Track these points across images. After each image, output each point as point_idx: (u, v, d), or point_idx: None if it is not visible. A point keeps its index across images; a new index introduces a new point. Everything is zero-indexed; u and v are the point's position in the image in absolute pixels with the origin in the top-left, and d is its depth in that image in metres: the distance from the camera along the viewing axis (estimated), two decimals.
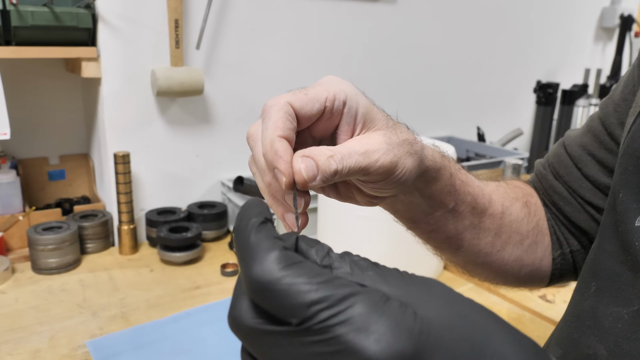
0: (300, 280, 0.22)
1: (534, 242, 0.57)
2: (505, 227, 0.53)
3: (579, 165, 0.55)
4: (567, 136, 0.59)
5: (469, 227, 0.50)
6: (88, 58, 1.09)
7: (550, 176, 0.59)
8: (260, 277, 0.23)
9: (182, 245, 1.12)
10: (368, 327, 0.21)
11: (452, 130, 1.78)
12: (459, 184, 0.46)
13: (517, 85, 1.95)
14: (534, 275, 0.58)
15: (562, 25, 2.03)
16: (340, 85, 0.35)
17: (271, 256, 0.23)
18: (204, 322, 0.91)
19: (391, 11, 1.51)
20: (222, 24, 1.23)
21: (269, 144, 0.31)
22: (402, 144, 0.37)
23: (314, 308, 0.22)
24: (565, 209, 0.57)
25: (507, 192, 0.56)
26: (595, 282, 0.43)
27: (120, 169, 1.13)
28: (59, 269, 1.07)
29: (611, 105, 0.53)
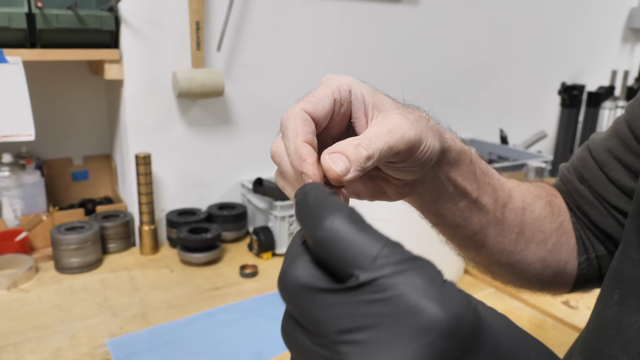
0: (368, 236, 0.23)
1: (559, 243, 0.55)
2: (527, 225, 0.52)
3: (604, 169, 0.54)
4: (592, 139, 0.58)
5: (493, 222, 0.48)
6: (111, 60, 1.11)
7: (575, 180, 0.57)
8: (332, 226, 0.23)
9: (201, 246, 1.12)
10: (429, 291, 0.21)
11: (475, 133, 1.76)
12: (479, 173, 0.46)
13: (542, 86, 1.91)
14: (558, 279, 0.57)
15: (589, 25, 1.99)
16: (340, 78, 0.36)
17: (343, 211, 0.24)
18: (222, 323, 0.91)
19: (413, 12, 1.50)
20: (242, 25, 1.24)
21: (294, 152, 0.31)
22: (419, 119, 0.37)
23: (378, 261, 0.22)
24: (590, 213, 0.55)
25: (529, 190, 0.55)
26: (619, 289, 0.42)
27: (141, 170, 1.14)
28: (81, 269, 1.08)
29: (638, 108, 0.51)
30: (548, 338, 0.90)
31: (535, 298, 1.01)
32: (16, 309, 0.94)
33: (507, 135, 1.77)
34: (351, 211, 0.24)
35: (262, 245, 1.17)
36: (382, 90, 0.38)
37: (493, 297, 1.02)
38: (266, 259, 1.18)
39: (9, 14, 0.98)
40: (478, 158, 0.46)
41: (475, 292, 1.04)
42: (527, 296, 1.01)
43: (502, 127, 1.79)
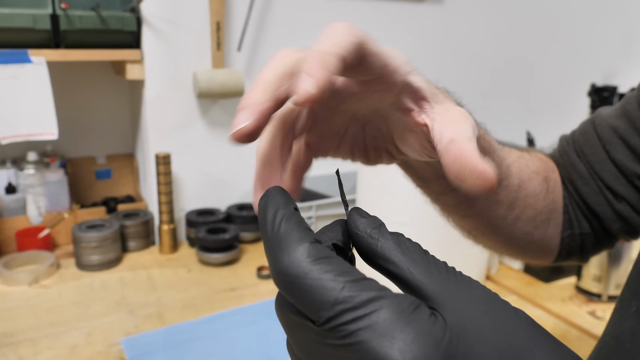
0: (327, 277, 0.21)
1: (547, 219, 0.53)
2: (519, 201, 0.50)
3: (606, 147, 0.51)
4: (598, 114, 0.55)
5: (482, 198, 0.47)
6: (132, 60, 1.12)
7: (572, 153, 0.55)
8: (287, 270, 0.22)
9: (219, 247, 1.12)
10: (393, 335, 0.20)
11: (500, 135, 1.71)
12: (487, 147, 0.43)
13: (571, 88, 1.86)
14: (541, 251, 0.56)
15: (622, 23, 1.92)
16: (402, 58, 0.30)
17: (300, 248, 0.22)
18: (236, 324, 0.91)
19: (438, 12, 1.47)
20: (263, 25, 1.23)
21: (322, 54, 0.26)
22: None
23: (337, 308, 0.20)
24: (582, 189, 0.54)
25: (528, 165, 0.52)
26: (637, 301, 0.40)
27: (161, 170, 1.15)
28: (100, 266, 1.09)
29: None
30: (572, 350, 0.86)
31: (559, 307, 0.98)
32: (36, 305, 0.95)
33: (534, 138, 1.72)
34: (310, 245, 0.22)
35: None
36: None
37: (515, 305, 0.99)
38: None
39: (33, 15, 1.00)
40: (483, 134, 0.43)
41: None
42: (551, 305, 0.98)
43: (529, 129, 1.74)
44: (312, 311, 0.21)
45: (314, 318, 0.21)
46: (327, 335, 0.21)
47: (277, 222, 0.24)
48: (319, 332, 0.21)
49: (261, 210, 0.25)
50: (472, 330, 0.21)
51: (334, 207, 1.20)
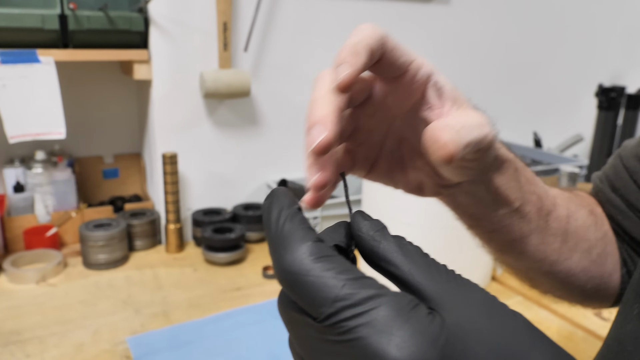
0: (328, 274, 0.22)
1: (604, 253, 0.52)
2: (572, 233, 0.49)
3: (634, 177, 0.51)
4: (624, 147, 0.55)
5: (535, 230, 0.46)
6: (140, 60, 1.12)
7: (607, 189, 0.54)
8: (290, 267, 0.22)
9: (225, 246, 1.13)
10: (391, 332, 0.20)
11: (507, 135, 1.71)
12: (524, 181, 0.43)
13: (578, 88, 1.85)
14: (601, 291, 0.54)
15: (629, 24, 1.91)
16: (424, 58, 0.33)
17: (303, 247, 0.23)
18: (241, 324, 0.91)
19: (444, 12, 1.47)
20: (270, 26, 1.24)
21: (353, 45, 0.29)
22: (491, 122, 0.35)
23: (338, 304, 0.21)
24: (624, 223, 0.53)
25: (572, 198, 0.52)
26: (639, 304, 0.40)
27: (168, 169, 1.15)
28: (107, 265, 1.10)
29: None
30: (577, 351, 0.86)
31: (565, 308, 0.97)
32: (43, 303, 0.96)
33: (541, 139, 1.72)
34: (313, 244, 0.23)
35: None
36: None
37: (520, 306, 0.99)
38: None
39: (42, 15, 1.01)
40: (523, 166, 0.44)
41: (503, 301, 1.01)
42: (557, 306, 0.98)
43: (535, 129, 1.74)
44: (313, 308, 0.22)
45: (315, 315, 0.22)
46: (328, 332, 0.21)
47: (281, 222, 0.24)
48: (320, 328, 0.22)
49: (266, 210, 0.26)
50: (470, 330, 0.21)
51: (339, 207, 1.20)
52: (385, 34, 0.31)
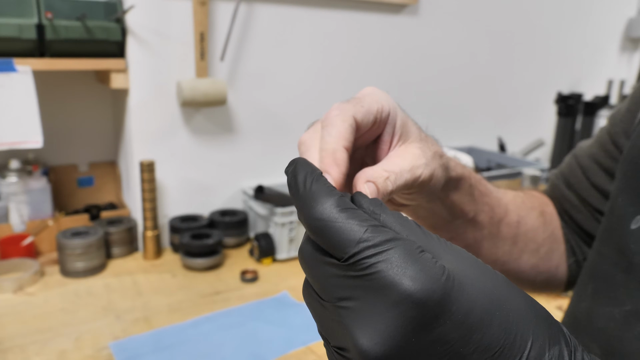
0: (352, 222, 0.26)
1: (550, 250, 0.58)
2: (521, 236, 0.55)
3: (587, 174, 0.56)
4: (579, 147, 0.61)
5: (487, 236, 0.51)
6: (117, 69, 1.14)
7: (562, 186, 0.60)
8: (320, 215, 0.27)
9: (203, 252, 1.15)
10: (405, 267, 0.24)
11: (474, 141, 1.79)
12: (477, 195, 0.48)
13: (539, 95, 1.94)
14: (550, 282, 0.60)
15: (587, 36, 2.02)
16: (385, 98, 0.37)
17: (330, 200, 0.27)
18: (223, 327, 0.93)
19: (413, 23, 1.53)
20: (245, 36, 1.27)
21: (332, 152, 0.32)
22: (434, 156, 0.39)
23: (361, 245, 0.25)
24: (576, 217, 0.58)
25: (524, 202, 0.57)
26: (592, 284, 0.45)
27: (145, 177, 1.17)
28: (85, 273, 1.11)
29: (618, 117, 0.55)
30: None
31: None
32: (22, 312, 0.96)
33: (506, 143, 1.80)
34: (338, 198, 0.27)
35: (263, 251, 1.19)
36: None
37: None
38: (266, 265, 1.20)
39: (19, 25, 1.01)
40: (478, 180, 0.49)
41: None
42: None
43: (500, 135, 1.81)
44: (339, 249, 0.26)
45: (340, 255, 0.26)
46: (350, 268, 0.25)
47: (309, 182, 0.28)
48: (343, 267, 0.26)
49: (291, 174, 0.29)
50: (464, 276, 0.25)
51: None
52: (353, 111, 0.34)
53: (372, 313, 0.25)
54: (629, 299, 0.39)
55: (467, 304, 0.25)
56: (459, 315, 0.24)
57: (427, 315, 0.24)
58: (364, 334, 0.25)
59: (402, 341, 0.24)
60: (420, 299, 0.24)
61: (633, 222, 0.41)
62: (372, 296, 0.25)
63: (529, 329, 0.25)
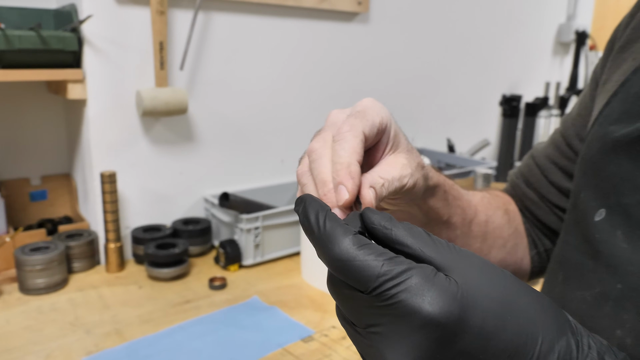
0: (370, 258, 0.28)
1: (515, 244, 0.63)
2: (489, 234, 0.60)
3: (545, 173, 0.62)
4: (535, 149, 0.67)
5: (460, 236, 0.55)
6: (74, 80, 1.12)
7: (522, 185, 0.66)
8: (339, 256, 0.29)
9: (169, 261, 1.14)
10: (423, 294, 0.27)
11: (424, 142, 1.86)
12: (451, 199, 0.52)
13: (484, 98, 2.04)
14: (517, 273, 0.65)
15: (523, 41, 2.15)
16: (383, 110, 0.40)
17: (347, 239, 0.29)
18: (197, 334, 0.94)
19: (364, 30, 1.58)
20: (204, 45, 1.27)
21: (347, 165, 0.35)
22: (418, 167, 0.42)
23: (381, 279, 0.28)
24: (537, 212, 0.64)
25: (490, 202, 0.62)
26: (563, 271, 0.49)
27: (107, 188, 1.15)
28: (47, 289, 1.08)
29: (569, 121, 0.61)
30: None
31: None
32: None
33: (454, 144, 1.88)
34: (353, 237, 0.29)
35: (229, 258, 1.20)
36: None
37: None
38: (234, 271, 1.21)
39: None
40: (451, 185, 0.53)
41: None
42: None
43: (449, 136, 1.90)
44: (362, 284, 0.28)
45: (363, 289, 0.28)
46: (375, 300, 0.28)
47: (322, 222, 0.30)
48: (368, 299, 0.28)
49: (302, 214, 0.32)
50: (474, 286, 0.28)
51: (279, 216, 1.25)
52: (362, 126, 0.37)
53: (399, 337, 0.27)
54: (598, 282, 0.44)
55: (482, 314, 0.28)
56: (475, 328, 0.27)
57: (447, 334, 0.27)
58: (394, 356, 0.28)
59: (428, 358, 0.27)
60: (440, 321, 0.27)
61: (596, 215, 0.46)
62: (398, 323, 0.27)
63: (538, 326, 0.29)
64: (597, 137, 0.49)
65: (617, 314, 0.41)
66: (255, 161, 1.44)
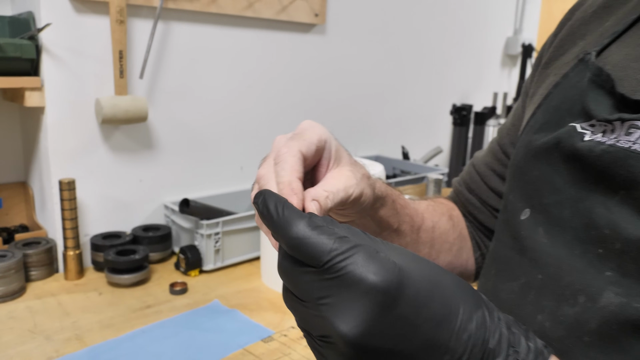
0: (323, 237, 0.33)
1: (460, 248, 0.68)
2: (437, 239, 0.65)
3: (485, 180, 0.68)
4: (475, 157, 0.72)
5: (410, 243, 0.60)
6: (32, 88, 1.12)
7: (465, 191, 0.71)
8: (296, 234, 0.33)
9: (130, 267, 1.15)
10: (368, 266, 0.32)
11: (380, 150, 1.92)
12: (399, 208, 0.57)
13: (436, 108, 2.13)
14: (463, 275, 0.70)
15: (474, 53, 2.25)
16: (321, 129, 0.44)
17: (302, 221, 0.34)
18: (158, 338, 0.96)
19: (321, 41, 1.63)
20: (164, 54, 1.29)
21: (288, 183, 0.39)
22: (363, 178, 0.46)
23: (332, 254, 0.32)
24: (479, 216, 0.69)
25: (435, 209, 0.67)
26: (495, 265, 0.55)
27: (65, 196, 1.15)
28: (4, 297, 1.07)
29: (505, 130, 0.67)
30: None
31: None
32: None
33: (409, 152, 1.95)
34: (308, 219, 0.34)
35: (190, 263, 1.22)
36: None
37: None
38: (194, 276, 1.23)
39: None
40: (398, 195, 0.58)
41: None
42: None
43: (403, 144, 1.97)
44: (315, 259, 0.32)
45: (316, 263, 0.32)
46: (326, 272, 0.32)
47: (280, 209, 0.35)
48: (319, 272, 0.32)
49: (262, 204, 0.36)
50: (408, 266, 0.33)
51: (239, 222, 1.28)
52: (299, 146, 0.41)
53: (347, 304, 0.32)
54: (524, 274, 0.49)
55: (415, 287, 0.32)
56: (410, 297, 0.32)
57: (388, 300, 0.31)
58: (342, 321, 0.32)
59: (371, 322, 0.31)
60: (382, 288, 0.31)
61: (522, 214, 0.51)
62: (345, 291, 0.32)
63: (459, 300, 0.34)
64: (523, 145, 0.54)
65: (538, 301, 0.47)
66: (215, 168, 1.46)
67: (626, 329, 0.40)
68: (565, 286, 0.44)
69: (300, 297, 0.34)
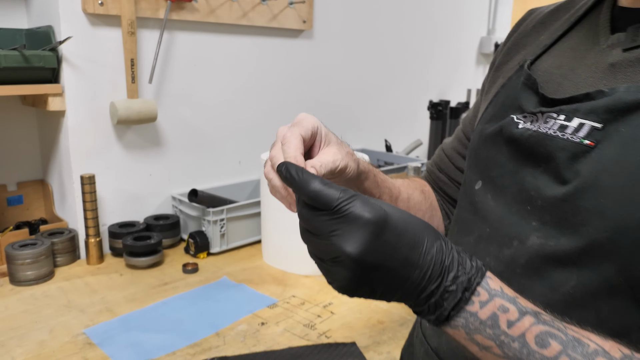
0: (332, 190, 0.46)
1: (432, 216, 0.84)
2: (411, 208, 0.80)
3: (452, 161, 0.84)
4: (444, 143, 0.88)
5: None
6: (54, 94, 1.26)
7: (436, 170, 0.87)
8: (313, 188, 0.47)
9: (147, 251, 1.30)
10: (364, 207, 0.46)
11: (365, 143, 2.08)
12: (380, 182, 0.72)
13: (416, 104, 2.30)
14: None
15: (450, 53, 2.42)
16: (314, 119, 0.59)
17: (317, 180, 0.47)
18: (178, 307, 1.10)
19: (309, 45, 1.79)
20: (169, 61, 1.44)
21: (294, 158, 0.53)
22: (347, 154, 0.61)
23: (339, 200, 0.46)
24: (448, 190, 0.85)
25: (410, 185, 0.83)
26: (457, 225, 0.70)
27: (86, 189, 1.29)
28: (37, 280, 1.21)
29: (467, 120, 0.83)
30: None
31: None
32: None
33: (391, 145, 2.12)
34: (320, 179, 0.48)
35: (199, 247, 1.37)
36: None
37: None
38: (203, 258, 1.38)
39: None
40: (378, 172, 0.73)
41: None
42: None
43: (386, 137, 2.13)
44: (327, 205, 0.46)
45: (328, 207, 0.46)
46: (335, 214, 0.46)
47: (300, 173, 0.49)
48: (331, 213, 0.46)
49: (285, 170, 0.50)
50: (391, 211, 0.48)
51: (242, 209, 1.43)
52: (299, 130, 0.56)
53: (350, 234, 0.45)
54: (477, 229, 0.65)
55: (395, 222, 0.47)
56: (392, 228, 0.46)
57: (378, 229, 0.45)
58: (348, 245, 0.45)
59: (367, 244, 0.45)
60: (374, 221, 0.45)
61: (476, 185, 0.67)
62: (349, 225, 0.46)
63: (424, 233, 0.48)
64: (477, 132, 0.70)
65: (486, 248, 0.62)
66: (216, 163, 1.61)
67: (544, 262, 0.55)
68: (504, 235, 0.60)
69: (315, 233, 0.48)
